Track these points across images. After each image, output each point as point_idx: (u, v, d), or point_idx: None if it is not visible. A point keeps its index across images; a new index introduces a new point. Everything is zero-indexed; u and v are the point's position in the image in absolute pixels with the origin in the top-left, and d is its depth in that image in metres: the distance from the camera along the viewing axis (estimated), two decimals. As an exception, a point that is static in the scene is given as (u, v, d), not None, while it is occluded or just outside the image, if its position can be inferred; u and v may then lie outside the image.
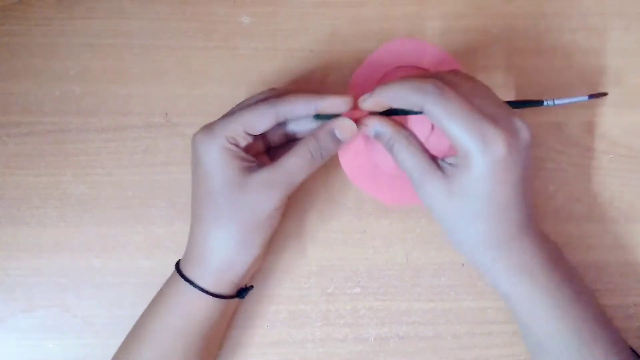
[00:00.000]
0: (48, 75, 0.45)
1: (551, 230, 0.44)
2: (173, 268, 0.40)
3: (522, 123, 0.35)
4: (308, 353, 0.44)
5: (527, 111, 0.45)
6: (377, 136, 0.38)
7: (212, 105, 0.45)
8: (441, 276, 0.44)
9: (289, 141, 0.41)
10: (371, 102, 0.37)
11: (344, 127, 0.38)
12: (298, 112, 0.37)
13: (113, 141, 0.44)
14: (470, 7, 0.46)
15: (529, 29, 0.46)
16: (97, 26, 0.45)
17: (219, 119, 0.38)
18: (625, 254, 0.45)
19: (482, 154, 0.33)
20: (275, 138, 0.40)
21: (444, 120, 0.34)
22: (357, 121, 0.38)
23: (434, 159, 0.37)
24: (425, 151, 0.37)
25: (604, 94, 0.39)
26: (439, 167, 0.36)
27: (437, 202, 0.36)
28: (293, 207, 0.44)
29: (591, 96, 0.38)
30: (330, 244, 0.44)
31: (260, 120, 0.37)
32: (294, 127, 0.40)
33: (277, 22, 0.45)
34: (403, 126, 0.38)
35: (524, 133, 0.35)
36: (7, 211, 0.44)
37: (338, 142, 0.38)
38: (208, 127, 0.37)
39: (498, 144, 0.33)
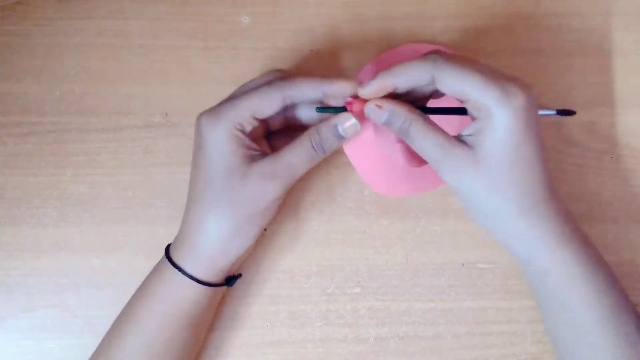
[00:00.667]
0: (48, 75, 0.45)
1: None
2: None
3: (523, 81, 0.35)
4: (308, 353, 0.44)
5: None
6: (389, 121, 0.36)
7: (211, 106, 0.44)
8: (441, 276, 0.44)
9: (289, 126, 0.40)
10: (374, 86, 0.36)
11: (346, 123, 0.37)
12: (306, 96, 0.37)
13: (113, 141, 0.44)
14: (470, 7, 0.46)
15: (529, 29, 0.46)
16: (97, 26, 0.45)
17: (224, 103, 0.37)
18: (625, 254, 0.45)
19: (503, 106, 0.33)
20: (275, 123, 0.40)
21: (460, 80, 0.33)
22: (360, 115, 0.37)
23: (450, 135, 0.36)
24: (441, 129, 0.36)
25: (573, 113, 0.37)
26: (459, 139, 0.35)
27: (464, 176, 0.35)
28: (293, 206, 0.44)
29: (559, 112, 0.37)
30: (330, 244, 0.44)
31: (268, 105, 0.36)
32: (297, 113, 0.40)
33: (277, 22, 0.45)
34: (414, 106, 0.36)
35: (532, 90, 0.34)
36: (7, 211, 0.44)
37: (340, 137, 0.38)
38: (214, 111, 0.37)
39: (517, 94, 0.33)
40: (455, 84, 0.34)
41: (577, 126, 0.45)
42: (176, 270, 0.38)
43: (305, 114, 0.39)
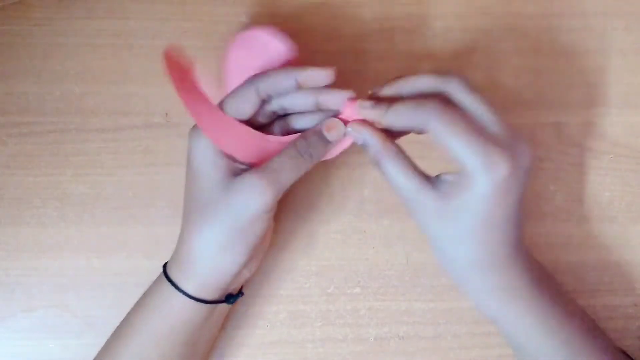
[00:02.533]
0: (48, 75, 0.45)
1: (551, 230, 0.45)
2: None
3: (524, 144, 0.34)
4: (308, 353, 0.44)
5: (526, 112, 0.45)
6: (364, 146, 0.36)
7: (212, 105, 0.45)
8: (441, 276, 0.44)
9: (278, 117, 0.39)
10: (372, 115, 0.36)
11: (332, 127, 0.36)
12: (279, 85, 0.36)
13: (113, 141, 0.44)
14: (470, 7, 0.46)
15: (529, 29, 0.46)
16: (97, 26, 0.45)
17: None
18: (625, 254, 0.45)
19: (484, 175, 0.33)
20: (261, 119, 0.38)
21: (448, 139, 0.33)
22: (346, 122, 0.37)
23: (425, 175, 0.36)
24: (416, 168, 0.36)
25: None
26: (432, 184, 0.35)
27: (429, 220, 0.35)
28: (293, 207, 0.44)
29: None
30: (330, 244, 0.44)
31: (244, 101, 0.36)
32: (298, 125, 0.39)
33: (277, 22, 0.45)
34: (392, 140, 0.36)
35: (526, 155, 0.34)
36: (7, 211, 0.44)
37: (327, 142, 0.36)
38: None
39: (501, 165, 0.33)
40: (445, 142, 0.33)
41: (577, 126, 0.45)
42: (171, 286, 0.37)
43: (303, 124, 0.39)
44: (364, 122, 0.36)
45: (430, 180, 0.35)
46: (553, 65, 0.45)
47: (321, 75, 0.35)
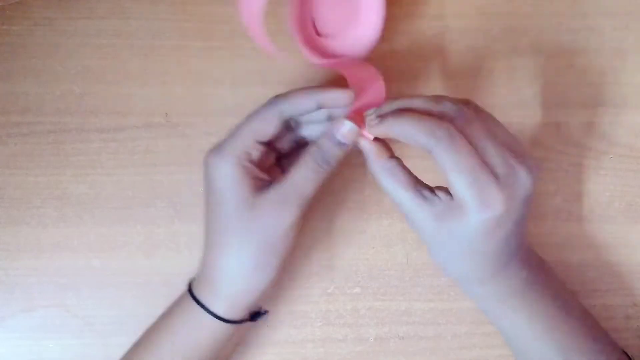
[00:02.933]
0: (48, 75, 0.45)
1: (551, 230, 0.45)
2: (173, 268, 0.40)
3: (526, 173, 0.34)
4: (308, 353, 0.44)
5: (526, 112, 0.45)
6: (366, 156, 0.36)
7: (212, 105, 0.45)
8: (441, 276, 0.44)
9: (299, 147, 0.39)
10: (379, 129, 0.35)
11: (344, 129, 0.36)
12: (301, 107, 0.36)
13: (113, 141, 0.44)
14: (470, 7, 0.46)
15: (529, 29, 0.46)
16: (97, 26, 0.45)
17: (227, 137, 0.36)
18: (625, 254, 0.45)
19: (478, 212, 0.33)
20: (285, 145, 0.39)
21: (449, 170, 0.33)
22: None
23: (422, 191, 0.35)
24: (412, 183, 0.35)
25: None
26: (428, 201, 0.35)
27: (426, 234, 0.36)
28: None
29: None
30: (330, 244, 0.44)
31: (267, 124, 0.36)
32: (303, 132, 0.39)
33: (277, 22, 0.45)
34: (390, 154, 0.36)
35: (527, 184, 0.34)
36: (7, 211, 0.44)
37: (342, 145, 0.36)
38: (218, 148, 0.36)
39: (496, 205, 0.33)
40: (445, 171, 0.33)
41: (577, 126, 0.45)
42: (198, 306, 0.37)
43: (311, 132, 0.39)
44: (365, 133, 0.36)
45: (427, 196, 0.35)
46: (553, 65, 0.45)
47: (342, 96, 0.36)
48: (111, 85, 0.45)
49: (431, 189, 0.36)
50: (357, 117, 0.36)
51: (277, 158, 0.40)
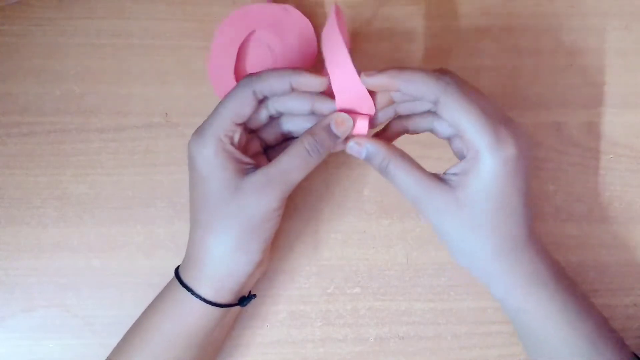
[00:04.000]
0: (48, 75, 0.45)
1: (551, 230, 0.45)
2: (173, 268, 0.40)
3: (525, 132, 0.35)
4: (308, 353, 0.44)
5: (526, 112, 0.45)
6: (368, 158, 0.36)
7: (212, 105, 0.44)
8: (441, 276, 0.44)
9: (286, 140, 0.40)
10: (379, 79, 0.35)
11: (340, 121, 0.36)
12: (274, 87, 0.36)
13: (113, 141, 0.44)
14: (470, 7, 0.46)
15: (529, 29, 0.46)
16: (97, 26, 0.45)
17: (207, 119, 0.37)
18: (625, 254, 0.45)
19: (494, 152, 0.33)
20: (271, 137, 0.39)
21: (460, 115, 0.33)
22: (346, 138, 0.37)
23: (432, 174, 0.36)
24: (422, 167, 0.36)
25: None
26: (442, 179, 0.35)
27: (444, 216, 0.35)
28: (293, 207, 0.44)
29: None
30: (330, 244, 0.44)
31: (242, 104, 0.36)
32: (289, 127, 0.39)
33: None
34: (394, 145, 0.36)
35: (528, 142, 0.35)
36: (7, 211, 0.44)
37: (335, 137, 0.36)
38: (198, 131, 0.36)
39: (510, 144, 0.33)
40: (455, 116, 0.33)
41: (577, 126, 0.45)
42: (185, 290, 0.37)
43: (295, 126, 0.39)
44: (362, 136, 0.36)
45: (441, 177, 0.35)
46: (553, 65, 0.45)
47: (315, 82, 0.35)
48: (111, 85, 0.45)
49: (441, 174, 0.36)
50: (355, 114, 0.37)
51: (264, 149, 0.40)
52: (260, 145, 0.39)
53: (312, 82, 0.35)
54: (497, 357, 0.44)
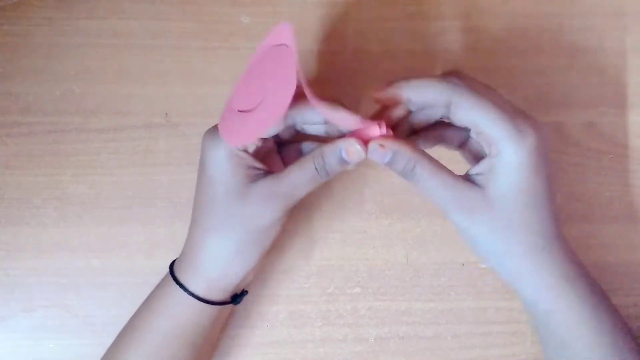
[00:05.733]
0: (48, 75, 0.45)
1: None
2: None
3: (538, 121, 0.34)
4: (308, 353, 0.44)
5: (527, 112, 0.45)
6: (392, 162, 0.35)
7: (212, 105, 0.45)
8: (441, 276, 0.44)
9: (300, 136, 0.39)
10: (387, 92, 0.35)
11: (351, 150, 0.35)
12: (307, 118, 0.36)
13: (113, 141, 0.44)
14: (470, 7, 0.46)
15: (529, 29, 0.46)
16: (97, 26, 0.45)
17: None
18: (625, 254, 0.45)
19: (517, 143, 0.32)
20: (285, 135, 0.39)
21: (475, 112, 0.33)
22: (367, 142, 0.35)
23: (456, 174, 0.35)
24: (448, 169, 0.35)
25: None
26: (468, 180, 0.34)
27: (474, 217, 0.34)
28: (293, 207, 0.44)
29: None
30: (330, 244, 0.44)
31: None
32: (303, 127, 0.38)
33: (277, 22, 0.45)
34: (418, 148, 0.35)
35: (544, 129, 0.34)
36: (7, 211, 0.44)
37: (344, 162, 0.35)
38: (214, 130, 0.36)
39: (531, 133, 0.33)
40: (471, 115, 0.33)
41: (577, 126, 0.45)
42: (179, 288, 0.37)
43: (310, 127, 0.38)
44: (385, 136, 0.35)
45: (466, 178, 0.35)
46: (553, 66, 0.45)
47: (349, 121, 0.35)
48: (111, 85, 0.45)
49: (464, 175, 0.35)
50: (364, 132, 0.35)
51: (276, 145, 0.40)
52: (274, 142, 0.39)
53: (347, 120, 0.35)
54: (497, 357, 0.44)
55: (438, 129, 0.38)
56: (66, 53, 0.45)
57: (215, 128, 0.36)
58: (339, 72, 0.45)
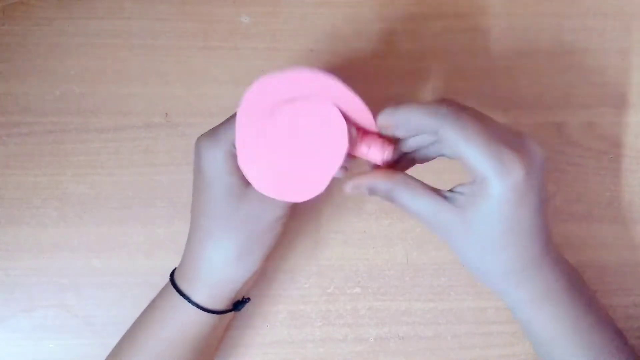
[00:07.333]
0: (48, 75, 0.45)
1: (551, 230, 0.44)
2: (173, 268, 0.40)
3: (535, 144, 0.34)
4: (308, 353, 0.44)
5: (526, 112, 0.45)
6: (373, 193, 0.35)
7: (212, 105, 0.45)
8: (441, 276, 0.44)
9: None
10: (379, 121, 0.35)
11: (355, 186, 0.36)
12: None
13: (113, 141, 0.44)
14: (470, 7, 0.46)
15: (528, 29, 0.46)
16: (97, 26, 0.45)
17: (223, 123, 0.36)
18: (625, 254, 0.45)
19: (501, 179, 0.32)
20: None
21: (461, 145, 0.32)
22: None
23: (439, 192, 0.35)
24: (428, 187, 0.35)
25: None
26: (448, 200, 0.34)
27: (454, 236, 0.35)
28: (293, 206, 0.44)
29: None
30: (330, 244, 0.44)
31: None
32: None
33: (277, 22, 0.45)
34: (395, 170, 0.36)
35: (539, 154, 0.34)
36: (7, 211, 0.44)
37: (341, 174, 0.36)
38: (212, 133, 0.36)
39: (516, 167, 0.32)
40: (456, 147, 0.33)
41: (577, 126, 0.45)
42: (181, 297, 0.37)
43: None
44: (361, 175, 0.35)
45: (446, 196, 0.35)
46: (553, 65, 0.45)
47: (378, 156, 0.35)
48: (111, 85, 0.45)
49: (448, 191, 0.35)
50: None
51: None
52: None
53: (376, 156, 0.35)
54: (497, 357, 0.44)
55: (435, 145, 0.37)
56: (66, 53, 0.45)
57: (209, 132, 0.36)
58: (339, 72, 0.45)
